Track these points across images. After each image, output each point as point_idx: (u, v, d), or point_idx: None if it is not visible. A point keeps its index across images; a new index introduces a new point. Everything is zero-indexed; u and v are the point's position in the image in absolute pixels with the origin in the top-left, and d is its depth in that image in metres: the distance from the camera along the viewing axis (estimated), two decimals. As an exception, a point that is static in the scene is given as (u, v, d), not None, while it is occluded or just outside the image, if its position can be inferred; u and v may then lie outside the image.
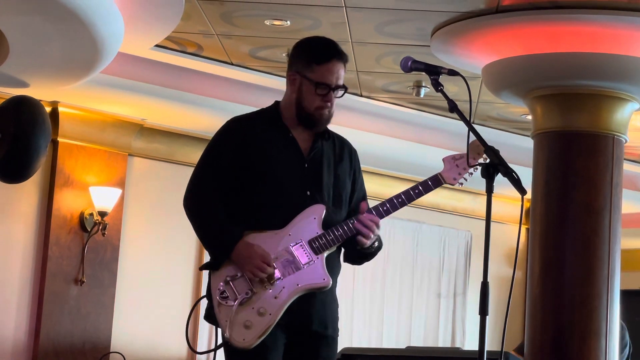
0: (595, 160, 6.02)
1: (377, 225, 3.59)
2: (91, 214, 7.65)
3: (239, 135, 3.59)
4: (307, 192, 3.57)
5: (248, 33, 6.37)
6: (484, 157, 3.45)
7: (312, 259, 3.52)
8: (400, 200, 3.60)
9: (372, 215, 3.58)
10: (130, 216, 7.97)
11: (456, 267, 10.00)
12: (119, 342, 7.79)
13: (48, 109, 7.03)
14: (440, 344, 9.71)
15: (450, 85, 4.74)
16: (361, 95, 7.70)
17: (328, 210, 3.57)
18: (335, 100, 3.63)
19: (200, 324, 7.68)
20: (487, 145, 3.22)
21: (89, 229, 7.65)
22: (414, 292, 9.73)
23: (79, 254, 7.64)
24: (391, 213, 3.61)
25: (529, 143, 6.48)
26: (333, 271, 3.59)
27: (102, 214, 7.61)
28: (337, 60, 3.60)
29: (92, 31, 5.46)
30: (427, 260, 9.83)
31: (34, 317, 7.49)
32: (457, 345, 9.80)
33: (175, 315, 7.81)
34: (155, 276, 8.02)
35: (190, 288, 8.13)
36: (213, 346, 3.67)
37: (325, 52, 3.61)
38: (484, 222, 3.16)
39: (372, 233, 3.59)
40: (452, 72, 3.38)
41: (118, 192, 7.69)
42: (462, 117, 3.30)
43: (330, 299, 3.62)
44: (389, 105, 7.90)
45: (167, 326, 7.86)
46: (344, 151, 3.72)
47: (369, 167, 8.55)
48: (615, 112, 6.08)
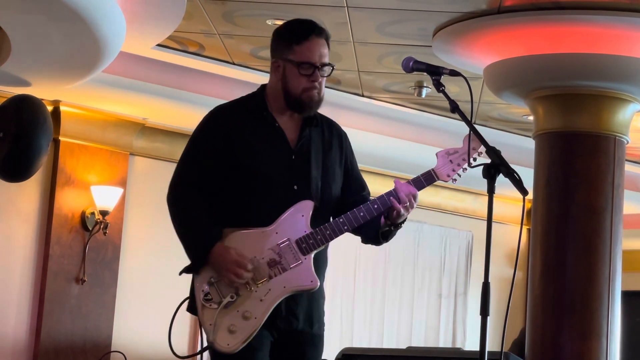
0: (597, 161, 6.02)
1: (415, 197, 3.43)
2: (92, 213, 7.65)
3: (223, 129, 3.44)
4: (295, 187, 3.42)
5: (250, 33, 6.37)
6: (479, 152, 3.42)
7: (300, 260, 3.37)
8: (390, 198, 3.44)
9: (410, 186, 3.43)
10: (131, 215, 7.97)
11: (457, 268, 9.99)
12: (119, 341, 7.80)
13: (50, 108, 7.03)
14: (441, 344, 9.71)
15: (452, 86, 4.75)
16: (362, 96, 7.70)
17: (316, 206, 3.42)
18: (324, 81, 3.47)
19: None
20: (488, 146, 3.22)
21: (90, 228, 7.65)
22: (415, 292, 9.73)
23: (80, 253, 7.64)
24: (381, 210, 3.44)
25: (530, 144, 6.48)
26: (321, 267, 3.46)
27: (104, 213, 7.61)
28: (316, 36, 3.45)
29: (94, 30, 5.46)
30: (428, 260, 9.82)
31: (35, 316, 7.49)
32: (458, 345, 9.79)
33: (176, 315, 7.80)
34: (157, 275, 8.01)
35: (191, 287, 8.13)
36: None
37: (303, 31, 3.46)
38: (485, 223, 3.14)
39: (409, 205, 3.41)
40: (454, 73, 3.36)
41: (119, 191, 7.69)
42: (463, 118, 3.29)
43: (318, 294, 3.48)
44: (390, 106, 7.90)
45: (168, 325, 7.85)
46: (332, 137, 3.57)
47: (370, 167, 8.56)
48: (617, 113, 6.08)
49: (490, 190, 3.16)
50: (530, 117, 6.93)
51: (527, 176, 4.75)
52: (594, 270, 5.92)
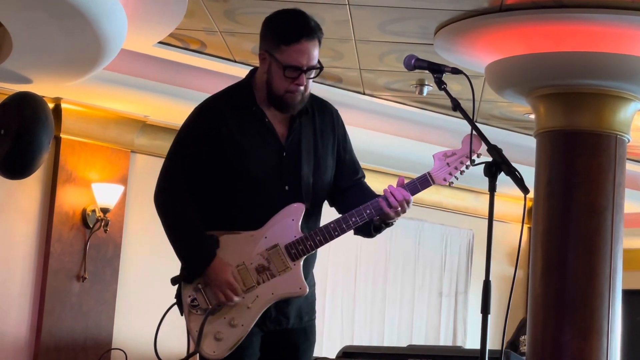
0: (598, 160, 6.02)
1: (408, 203, 3.34)
2: (93, 211, 7.65)
3: (211, 127, 3.35)
4: (286, 187, 3.33)
5: (251, 30, 6.37)
6: (478, 154, 3.39)
7: (288, 266, 3.29)
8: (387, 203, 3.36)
9: (404, 191, 3.33)
10: (132, 213, 7.97)
11: (458, 266, 9.99)
12: (120, 338, 7.80)
13: (51, 106, 7.03)
14: (442, 343, 9.72)
15: (454, 84, 4.74)
16: (364, 94, 7.70)
17: (307, 209, 3.32)
18: (310, 82, 3.33)
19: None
20: (490, 144, 3.21)
21: (91, 226, 7.65)
22: (416, 290, 9.73)
23: (81, 250, 7.64)
24: (374, 216, 3.36)
25: (531, 142, 6.48)
26: (310, 264, 3.39)
27: (105, 210, 7.61)
28: (307, 40, 3.26)
29: (95, 28, 5.46)
30: (429, 258, 9.82)
31: (36, 314, 7.49)
32: (459, 343, 9.79)
33: (177, 312, 7.80)
34: (158, 273, 8.00)
35: (192, 285, 8.13)
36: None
37: (293, 32, 3.26)
38: (486, 221, 3.13)
39: (400, 210, 3.33)
40: (455, 71, 3.34)
41: (120, 188, 7.69)
42: (465, 116, 3.29)
43: (309, 288, 3.39)
44: (391, 104, 7.89)
45: (169, 323, 7.86)
46: (324, 122, 3.45)
47: (372, 165, 8.55)
48: (618, 111, 6.08)
49: (492, 189, 3.15)
50: (532, 116, 6.92)
51: (528, 175, 4.75)
52: (594, 268, 5.92)
